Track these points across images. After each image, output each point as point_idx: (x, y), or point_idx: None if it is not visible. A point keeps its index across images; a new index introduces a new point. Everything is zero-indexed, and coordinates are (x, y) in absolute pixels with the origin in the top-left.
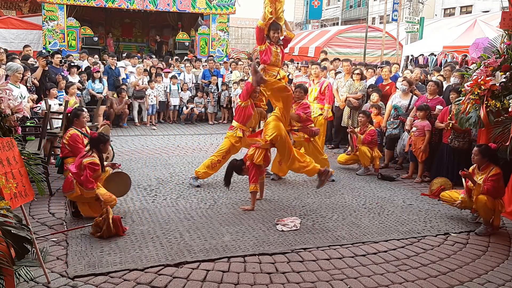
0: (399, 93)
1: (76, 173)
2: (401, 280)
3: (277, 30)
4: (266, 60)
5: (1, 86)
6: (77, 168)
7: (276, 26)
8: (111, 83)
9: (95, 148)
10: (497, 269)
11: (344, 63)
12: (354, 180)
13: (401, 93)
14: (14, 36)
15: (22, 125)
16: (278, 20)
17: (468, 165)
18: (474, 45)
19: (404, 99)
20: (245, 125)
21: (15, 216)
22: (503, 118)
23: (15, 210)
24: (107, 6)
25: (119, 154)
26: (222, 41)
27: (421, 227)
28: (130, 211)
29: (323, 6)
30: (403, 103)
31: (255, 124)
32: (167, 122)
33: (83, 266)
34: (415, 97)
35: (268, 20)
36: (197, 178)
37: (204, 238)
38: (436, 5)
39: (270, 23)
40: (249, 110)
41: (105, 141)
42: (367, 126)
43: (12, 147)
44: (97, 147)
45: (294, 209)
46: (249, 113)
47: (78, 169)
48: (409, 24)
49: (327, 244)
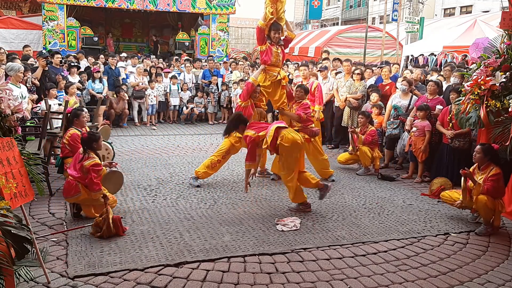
0: (399, 93)
1: (80, 176)
2: (401, 280)
3: (278, 30)
4: (266, 60)
5: (1, 86)
6: (80, 171)
7: (277, 27)
8: (111, 83)
9: (89, 148)
10: (497, 269)
11: (344, 63)
12: (354, 180)
13: (401, 93)
14: (14, 36)
15: (22, 125)
16: (279, 21)
17: (468, 165)
18: (474, 45)
19: (404, 99)
20: None
21: (15, 216)
22: (503, 118)
23: (15, 210)
24: (107, 6)
25: (119, 154)
26: (222, 41)
27: (421, 227)
28: (130, 211)
29: (323, 6)
30: (403, 103)
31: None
32: (167, 122)
33: (83, 266)
34: (415, 97)
35: (269, 21)
36: (197, 178)
37: (204, 238)
38: (436, 5)
39: (271, 23)
40: (249, 110)
41: (97, 139)
42: (367, 126)
43: (12, 147)
44: (90, 147)
45: (294, 209)
46: (249, 113)
47: (81, 172)
48: (409, 24)
49: (327, 244)
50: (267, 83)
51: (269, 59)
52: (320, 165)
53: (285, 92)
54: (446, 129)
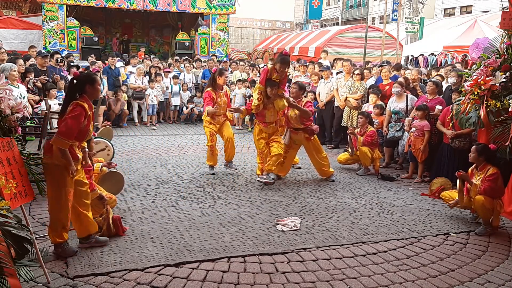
0: (394, 97)
1: None
2: (401, 280)
3: (274, 87)
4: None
5: (1, 86)
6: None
7: (272, 84)
8: (111, 83)
9: (82, 92)
10: (497, 269)
11: (344, 63)
12: (354, 180)
13: (396, 97)
14: (14, 36)
15: (22, 125)
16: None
17: (468, 165)
18: (474, 45)
19: (400, 101)
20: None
21: (15, 216)
22: (503, 118)
23: (15, 210)
24: (107, 6)
25: (119, 154)
26: (222, 41)
27: (421, 227)
28: (130, 211)
29: (323, 6)
30: (400, 106)
31: (273, 119)
32: (167, 122)
33: (83, 266)
34: (410, 96)
35: (256, 107)
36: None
37: (204, 238)
38: (436, 5)
39: (266, 79)
40: (262, 112)
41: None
42: (367, 127)
43: (12, 147)
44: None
45: (294, 209)
46: (262, 113)
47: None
48: (409, 24)
49: (327, 244)
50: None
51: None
52: (320, 164)
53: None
54: (446, 129)
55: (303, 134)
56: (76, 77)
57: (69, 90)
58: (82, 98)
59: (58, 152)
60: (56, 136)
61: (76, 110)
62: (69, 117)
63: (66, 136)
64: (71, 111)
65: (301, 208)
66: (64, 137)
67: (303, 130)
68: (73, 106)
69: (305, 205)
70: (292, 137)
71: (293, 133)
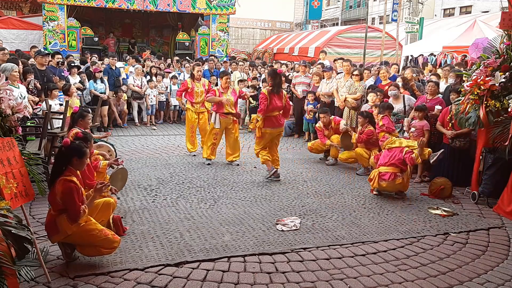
0: (390, 99)
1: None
2: (400, 280)
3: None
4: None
5: (1, 86)
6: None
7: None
8: (112, 83)
9: (69, 164)
10: (496, 269)
11: (344, 63)
12: (354, 180)
13: (392, 99)
14: (14, 37)
15: (23, 125)
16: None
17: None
18: (473, 45)
19: (397, 103)
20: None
21: (16, 216)
22: (503, 118)
23: (16, 210)
24: (107, 6)
25: (119, 154)
26: (222, 41)
27: (421, 227)
28: (130, 211)
29: (323, 7)
30: (398, 107)
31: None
32: (167, 122)
33: (83, 266)
34: (407, 97)
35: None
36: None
37: (204, 238)
38: (436, 5)
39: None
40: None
41: (82, 153)
42: (366, 126)
43: (13, 147)
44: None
45: (294, 209)
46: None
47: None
48: (408, 24)
49: (327, 244)
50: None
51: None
52: (232, 147)
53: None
54: (446, 129)
55: (232, 118)
56: (66, 145)
57: (56, 159)
58: (68, 171)
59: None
60: (71, 221)
61: (67, 189)
62: (67, 200)
63: (76, 215)
64: (63, 192)
65: (301, 208)
66: (76, 217)
67: (232, 114)
68: (62, 184)
69: (305, 205)
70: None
71: (223, 117)
